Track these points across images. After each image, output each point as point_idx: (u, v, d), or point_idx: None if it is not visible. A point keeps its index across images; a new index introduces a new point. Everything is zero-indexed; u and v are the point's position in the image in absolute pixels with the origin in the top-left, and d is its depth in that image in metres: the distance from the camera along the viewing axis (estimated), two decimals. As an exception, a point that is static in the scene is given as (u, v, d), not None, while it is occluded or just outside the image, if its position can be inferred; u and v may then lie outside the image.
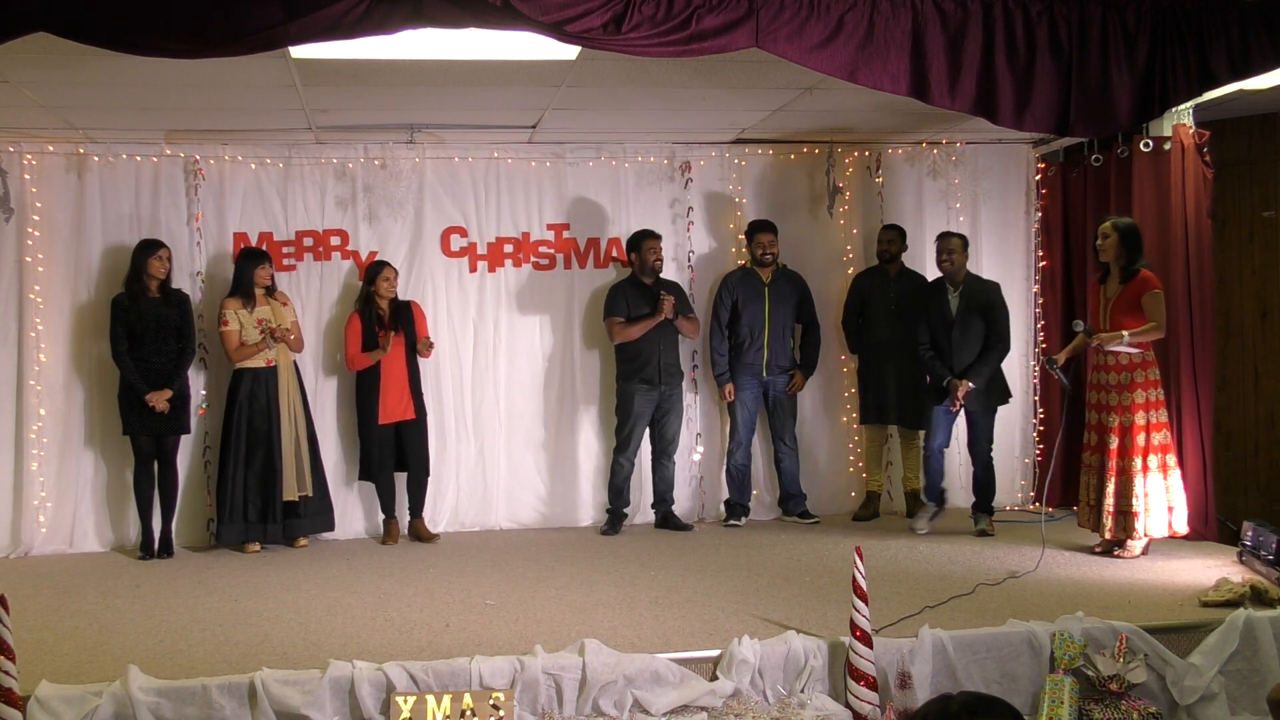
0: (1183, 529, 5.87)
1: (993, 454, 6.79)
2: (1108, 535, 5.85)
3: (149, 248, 6.53)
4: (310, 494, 6.69)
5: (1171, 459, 5.85)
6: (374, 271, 6.84)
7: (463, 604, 5.22)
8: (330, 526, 6.90)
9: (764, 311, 7.11)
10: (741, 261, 7.36)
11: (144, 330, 6.44)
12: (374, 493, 6.97)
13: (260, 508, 6.59)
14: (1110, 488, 5.81)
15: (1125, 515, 5.78)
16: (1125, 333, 5.73)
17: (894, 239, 7.27)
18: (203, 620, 5.01)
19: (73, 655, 4.47)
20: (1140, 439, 5.75)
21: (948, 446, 6.85)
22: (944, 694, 2.11)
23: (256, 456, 6.58)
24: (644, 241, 7.03)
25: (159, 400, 6.38)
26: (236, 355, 6.61)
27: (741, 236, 7.37)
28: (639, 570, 5.88)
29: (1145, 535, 5.78)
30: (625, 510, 7.13)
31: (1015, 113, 5.34)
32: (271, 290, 6.75)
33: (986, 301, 6.66)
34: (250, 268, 6.66)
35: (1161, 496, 5.77)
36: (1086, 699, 4.27)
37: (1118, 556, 5.83)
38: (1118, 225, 5.88)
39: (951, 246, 6.69)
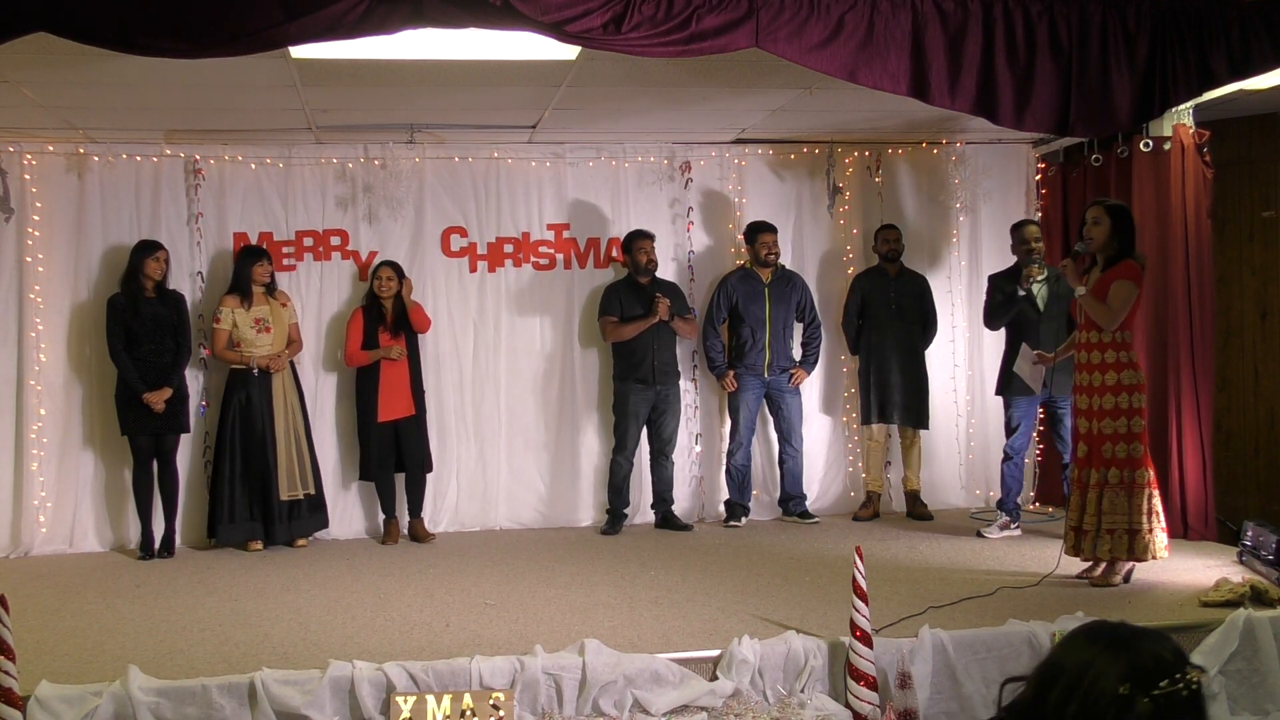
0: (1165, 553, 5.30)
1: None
2: (1102, 558, 5.26)
3: (146, 249, 6.53)
4: (312, 492, 6.70)
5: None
6: (373, 271, 6.89)
7: (463, 604, 5.22)
8: (324, 524, 6.89)
9: (765, 312, 7.11)
10: (740, 262, 7.36)
11: (140, 330, 6.44)
12: (373, 492, 6.96)
13: (261, 507, 6.60)
14: (1100, 504, 5.20)
15: (1133, 534, 5.14)
16: (1084, 288, 5.16)
17: (897, 237, 7.29)
18: (203, 620, 5.00)
19: (73, 655, 4.47)
20: (1148, 449, 5.26)
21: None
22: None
23: (252, 456, 6.58)
24: (635, 242, 7.04)
25: (157, 400, 6.38)
26: (220, 355, 6.66)
27: (741, 236, 7.38)
28: (639, 570, 5.87)
29: (1156, 556, 5.20)
30: (625, 510, 7.12)
31: (1015, 113, 5.34)
32: (272, 289, 6.75)
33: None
34: (248, 265, 6.67)
35: (1161, 512, 5.30)
36: (1086, 699, 4.26)
37: (1109, 585, 5.25)
38: (1110, 209, 5.19)
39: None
